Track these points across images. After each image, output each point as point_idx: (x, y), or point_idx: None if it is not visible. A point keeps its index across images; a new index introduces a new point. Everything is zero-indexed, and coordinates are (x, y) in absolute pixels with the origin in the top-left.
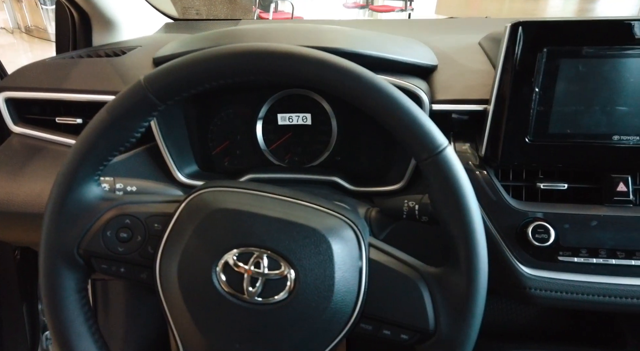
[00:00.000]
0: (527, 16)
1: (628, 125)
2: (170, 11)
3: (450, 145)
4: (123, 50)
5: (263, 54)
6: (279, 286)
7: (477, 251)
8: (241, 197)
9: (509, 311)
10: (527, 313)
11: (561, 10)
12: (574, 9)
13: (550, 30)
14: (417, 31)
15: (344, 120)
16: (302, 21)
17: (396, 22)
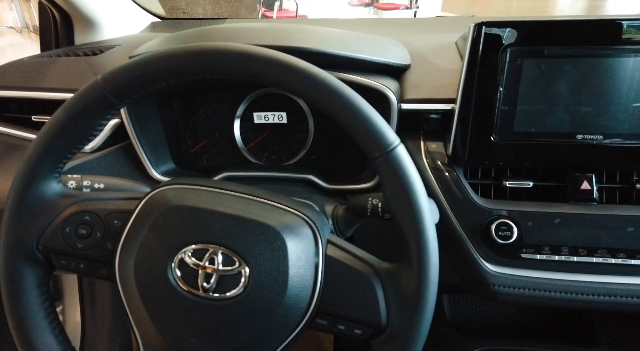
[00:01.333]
0: (535, 14)
1: (591, 124)
2: (158, 10)
3: (401, 144)
4: (102, 49)
5: (216, 53)
6: (233, 282)
7: (427, 248)
8: (199, 195)
9: (487, 308)
10: (506, 310)
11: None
12: (583, 6)
13: (513, 30)
14: (401, 30)
15: (321, 118)
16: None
17: (382, 21)
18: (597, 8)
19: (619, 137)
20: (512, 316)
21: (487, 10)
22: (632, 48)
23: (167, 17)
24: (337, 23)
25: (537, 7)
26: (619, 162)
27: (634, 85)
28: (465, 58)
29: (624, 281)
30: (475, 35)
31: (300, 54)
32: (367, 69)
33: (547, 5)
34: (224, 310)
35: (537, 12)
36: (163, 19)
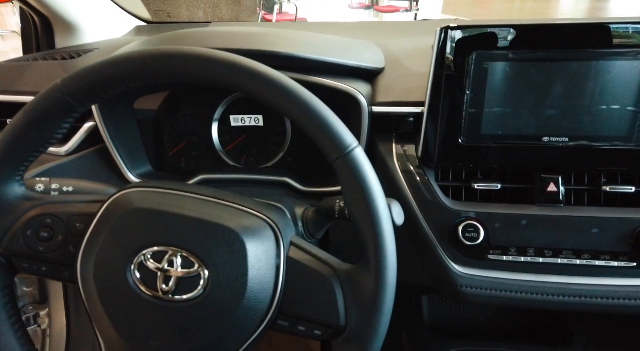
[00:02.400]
0: (537, 16)
1: (557, 127)
2: (143, 14)
3: (359, 147)
4: (79, 52)
5: (173, 56)
6: (192, 284)
7: (385, 250)
8: (161, 197)
9: (467, 309)
10: (485, 311)
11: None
12: (585, 7)
13: (478, 34)
14: (384, 33)
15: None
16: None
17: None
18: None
19: (584, 139)
20: (490, 317)
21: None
22: (596, 52)
23: (152, 21)
24: (330, 26)
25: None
26: (585, 164)
27: (597, 89)
28: (432, 61)
29: (587, 281)
30: (441, 38)
31: (270, 58)
32: (339, 72)
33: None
34: (183, 312)
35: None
36: (148, 22)
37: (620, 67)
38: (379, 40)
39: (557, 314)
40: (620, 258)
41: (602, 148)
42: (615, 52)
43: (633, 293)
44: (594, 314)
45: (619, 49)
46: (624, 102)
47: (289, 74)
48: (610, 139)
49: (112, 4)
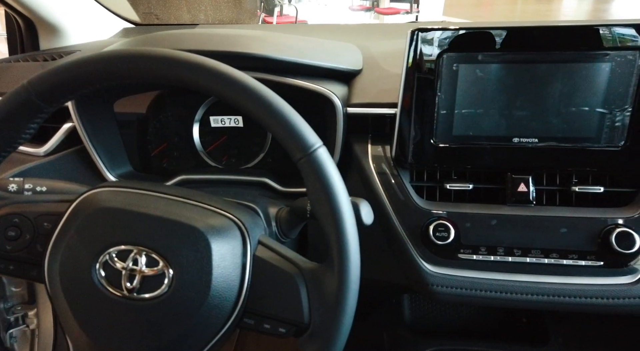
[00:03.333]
0: (540, 18)
1: (526, 128)
2: (131, 16)
3: (322, 147)
4: (62, 54)
5: (138, 57)
6: (157, 282)
7: (348, 248)
8: (128, 196)
9: (448, 309)
10: (465, 311)
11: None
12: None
13: (447, 36)
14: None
15: None
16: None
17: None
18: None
19: (553, 140)
20: (471, 316)
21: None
22: (564, 54)
23: (140, 23)
24: (324, 28)
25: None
26: (555, 164)
27: (565, 91)
28: (404, 64)
29: (556, 280)
30: (412, 41)
31: (243, 59)
32: (315, 74)
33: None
34: (147, 310)
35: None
36: (137, 24)
37: (588, 69)
38: (364, 43)
39: (535, 314)
40: (588, 257)
41: (571, 149)
42: (583, 55)
43: (600, 292)
44: (571, 314)
45: (586, 51)
46: (592, 103)
47: (264, 75)
48: (579, 140)
49: (98, 7)
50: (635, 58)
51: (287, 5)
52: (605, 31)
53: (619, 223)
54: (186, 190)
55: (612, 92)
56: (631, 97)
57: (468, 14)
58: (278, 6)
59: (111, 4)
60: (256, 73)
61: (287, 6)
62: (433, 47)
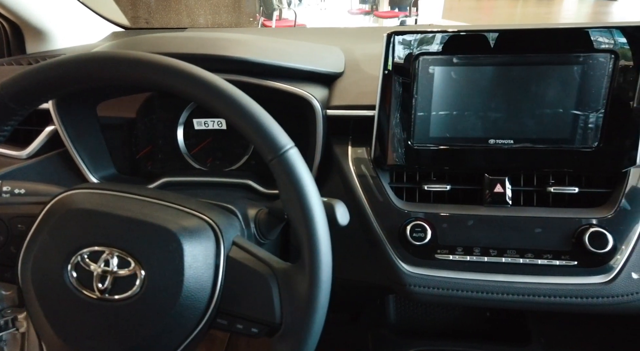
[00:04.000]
0: (540, 20)
1: (502, 129)
2: (121, 20)
3: (294, 148)
4: (47, 57)
5: (108, 60)
6: (129, 283)
7: (318, 249)
8: (101, 198)
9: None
10: (450, 311)
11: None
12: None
13: (423, 39)
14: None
15: None
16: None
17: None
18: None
19: (528, 141)
20: (455, 317)
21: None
22: (537, 57)
23: (129, 27)
24: (315, 32)
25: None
26: (531, 165)
27: (539, 92)
28: (381, 66)
29: (530, 280)
30: (388, 44)
31: (222, 62)
32: (295, 77)
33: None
34: (119, 311)
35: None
36: (126, 28)
37: (561, 71)
38: (349, 46)
39: (518, 314)
40: (562, 257)
41: (546, 150)
42: (556, 57)
43: (574, 292)
44: (553, 314)
45: (559, 54)
46: (566, 105)
47: (244, 78)
48: (553, 141)
49: (87, 10)
50: (607, 61)
51: (287, 9)
52: (578, 34)
53: (592, 223)
54: (161, 192)
55: (585, 94)
56: (604, 99)
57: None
58: (277, 10)
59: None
60: (236, 76)
61: (287, 10)
62: (409, 50)
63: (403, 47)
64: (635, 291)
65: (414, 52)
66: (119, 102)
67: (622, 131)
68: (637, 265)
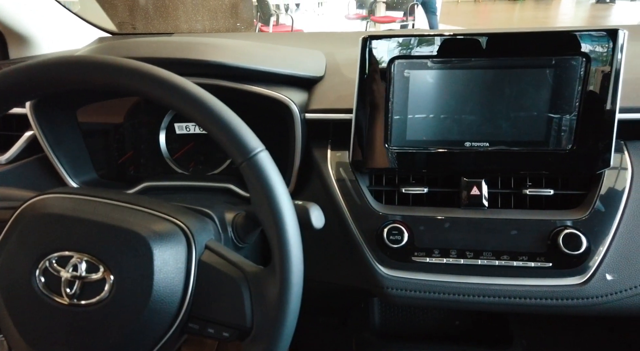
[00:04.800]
0: (538, 24)
1: (477, 132)
2: (108, 26)
3: (264, 151)
4: None
5: (73, 64)
6: (97, 288)
7: (289, 252)
8: (72, 203)
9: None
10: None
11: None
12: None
13: (396, 43)
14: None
15: None
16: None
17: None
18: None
19: (503, 144)
20: (440, 320)
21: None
22: (510, 60)
23: (116, 33)
24: (309, 37)
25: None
26: (506, 168)
27: (513, 96)
28: (357, 70)
29: (506, 282)
30: (364, 48)
31: (198, 66)
32: (274, 81)
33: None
34: (87, 316)
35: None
36: (113, 34)
37: (534, 75)
38: (333, 50)
39: (500, 317)
40: (537, 259)
41: (521, 152)
42: (528, 61)
43: (549, 293)
44: (535, 317)
45: (531, 57)
46: (539, 108)
47: (222, 82)
48: (528, 144)
49: (72, 16)
50: (579, 64)
51: (284, 14)
52: (550, 38)
53: (567, 225)
54: (135, 196)
55: (558, 97)
56: (577, 102)
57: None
58: (274, 16)
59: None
60: (214, 80)
61: (284, 16)
62: (385, 54)
63: (378, 51)
64: (610, 293)
65: (389, 56)
66: (101, 107)
67: (596, 134)
68: (612, 266)
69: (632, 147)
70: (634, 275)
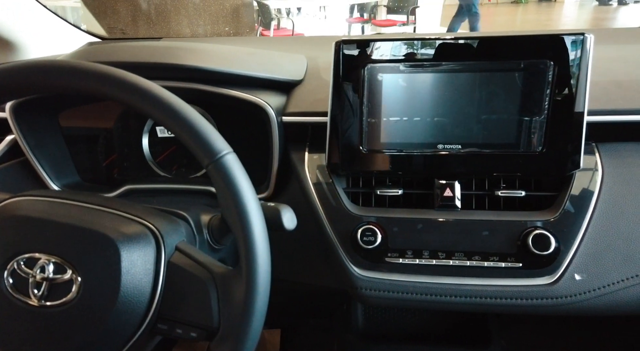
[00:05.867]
0: (540, 27)
1: (450, 135)
2: (98, 30)
3: (231, 153)
4: None
5: (41, 69)
6: (65, 290)
7: (255, 254)
8: (43, 205)
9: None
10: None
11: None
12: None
13: (370, 48)
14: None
15: (226, 131)
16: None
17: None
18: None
19: (475, 146)
20: (422, 321)
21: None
22: (480, 64)
23: (106, 37)
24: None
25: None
26: (479, 170)
27: (484, 99)
28: (331, 74)
29: (477, 282)
30: (337, 52)
31: (174, 70)
32: (252, 84)
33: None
34: (55, 318)
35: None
36: (103, 38)
37: (503, 78)
38: (319, 54)
39: (481, 318)
40: (508, 259)
41: (493, 154)
42: (498, 64)
43: (519, 293)
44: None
45: (500, 61)
46: (510, 111)
47: (198, 86)
48: (499, 146)
49: (61, 21)
50: (547, 67)
51: (285, 18)
52: (519, 42)
53: (537, 226)
54: (107, 199)
55: (527, 100)
56: (546, 105)
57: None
58: (275, 20)
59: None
60: (190, 83)
61: (285, 20)
62: (358, 58)
63: (352, 55)
64: (579, 293)
65: (363, 60)
66: (85, 111)
67: (565, 136)
68: (580, 266)
69: (604, 149)
70: (603, 275)
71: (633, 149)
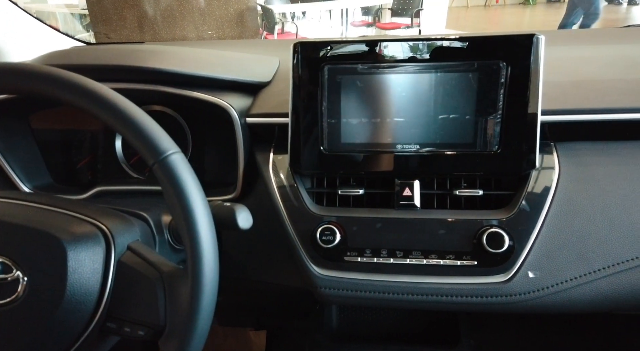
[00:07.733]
0: (549, 28)
1: (407, 135)
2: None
3: (177, 153)
4: None
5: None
6: (10, 289)
7: (201, 253)
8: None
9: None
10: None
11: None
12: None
13: (326, 49)
14: None
15: (198, 135)
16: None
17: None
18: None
19: (433, 146)
20: (395, 321)
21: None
22: (434, 65)
23: (91, 42)
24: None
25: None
26: (437, 169)
27: (439, 99)
28: (290, 76)
29: (434, 280)
30: (295, 54)
31: (137, 72)
32: (216, 86)
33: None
34: (1, 317)
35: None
36: (88, 44)
37: (458, 78)
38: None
39: (451, 317)
40: (464, 257)
41: (450, 154)
42: (453, 65)
43: (475, 291)
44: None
45: (454, 62)
46: (466, 111)
47: (162, 87)
48: (456, 146)
49: (45, 27)
50: (501, 68)
51: (290, 22)
52: (473, 43)
53: (492, 224)
54: (59, 199)
55: (482, 100)
56: (500, 105)
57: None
58: (279, 24)
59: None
60: (153, 85)
61: (290, 23)
62: (316, 60)
63: (310, 57)
64: (532, 290)
65: (321, 62)
66: (58, 113)
67: (520, 136)
68: (534, 264)
69: (561, 148)
70: (556, 273)
71: (590, 148)
